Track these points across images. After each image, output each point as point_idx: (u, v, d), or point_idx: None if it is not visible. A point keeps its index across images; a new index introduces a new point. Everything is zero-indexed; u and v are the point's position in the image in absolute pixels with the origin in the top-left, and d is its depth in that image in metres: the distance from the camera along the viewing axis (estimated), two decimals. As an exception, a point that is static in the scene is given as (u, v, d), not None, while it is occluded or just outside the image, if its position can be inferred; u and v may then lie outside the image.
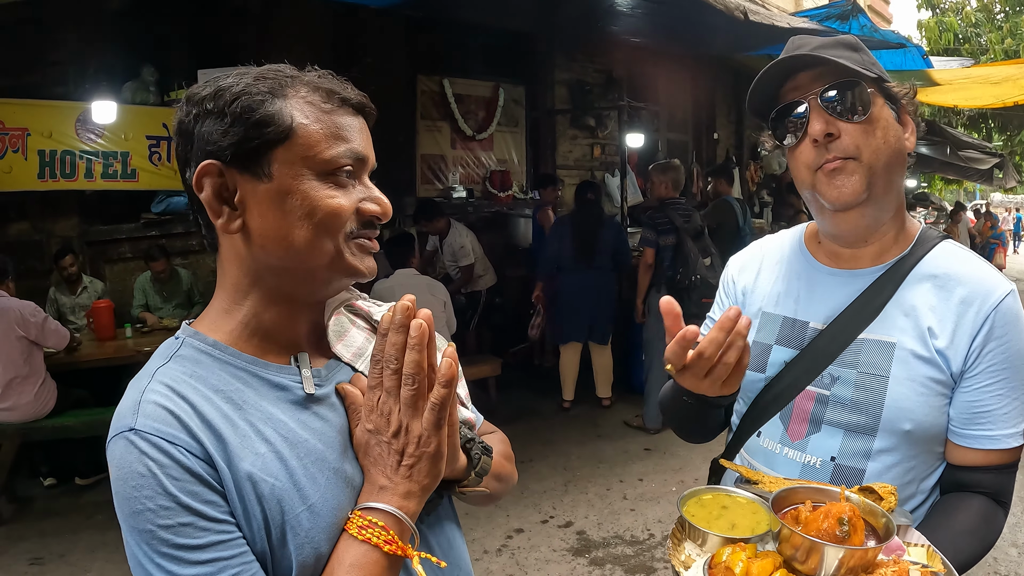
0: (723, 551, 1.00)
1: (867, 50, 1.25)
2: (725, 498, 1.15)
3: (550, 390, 6.56)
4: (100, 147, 5.57)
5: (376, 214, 0.94)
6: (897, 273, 1.26)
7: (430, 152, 7.38)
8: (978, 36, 15.39)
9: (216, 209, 0.90)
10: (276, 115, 0.87)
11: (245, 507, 0.84)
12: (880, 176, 1.20)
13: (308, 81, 0.92)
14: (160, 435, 0.81)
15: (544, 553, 3.90)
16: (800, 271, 1.37)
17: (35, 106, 5.35)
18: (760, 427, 1.36)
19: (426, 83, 7.22)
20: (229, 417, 0.87)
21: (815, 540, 0.94)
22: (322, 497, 0.88)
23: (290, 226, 0.89)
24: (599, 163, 8.64)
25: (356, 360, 1.03)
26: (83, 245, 5.78)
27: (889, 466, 1.23)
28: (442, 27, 6.70)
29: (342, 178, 0.91)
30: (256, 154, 0.88)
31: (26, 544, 4.12)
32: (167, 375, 0.88)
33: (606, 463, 5.13)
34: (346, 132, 0.91)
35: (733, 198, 6.00)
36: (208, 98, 0.88)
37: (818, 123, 1.19)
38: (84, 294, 5.58)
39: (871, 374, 1.23)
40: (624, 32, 6.58)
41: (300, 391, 0.94)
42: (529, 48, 7.77)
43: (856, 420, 1.24)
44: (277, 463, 0.87)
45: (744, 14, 4.74)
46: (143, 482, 0.79)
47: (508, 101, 7.82)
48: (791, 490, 1.08)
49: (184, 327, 0.96)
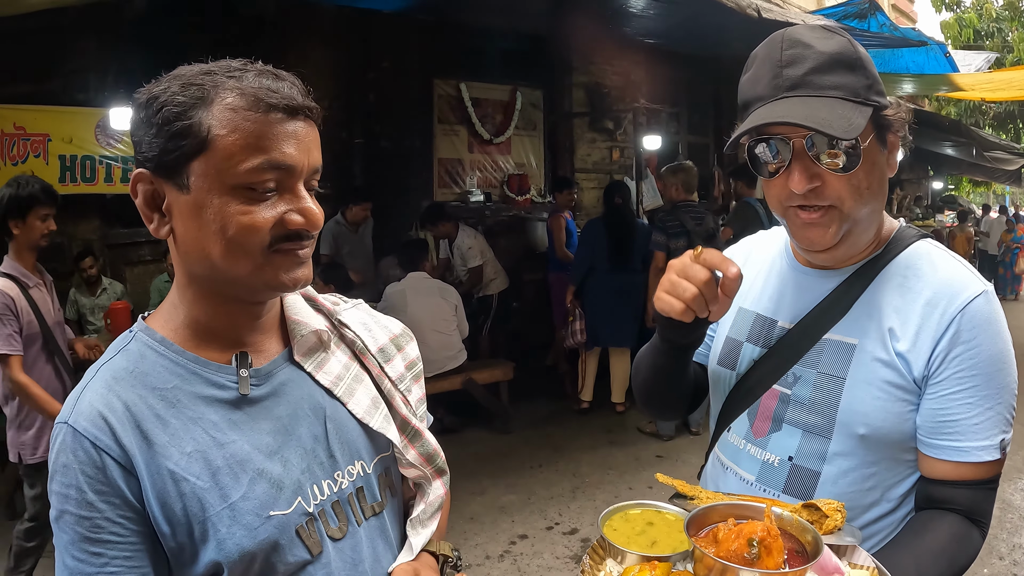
0: (631, 569, 0.97)
1: (866, 61, 1.14)
2: (653, 514, 1.11)
3: (563, 395, 6.52)
4: (119, 152, 5.67)
5: (300, 226, 0.92)
6: (868, 273, 1.22)
7: (448, 156, 7.41)
8: (1001, 32, 14.99)
9: (147, 215, 0.93)
10: (194, 126, 0.87)
11: (165, 503, 0.89)
12: (860, 220, 1.16)
13: (238, 87, 0.88)
14: (85, 434, 0.87)
15: (547, 560, 3.86)
16: (779, 269, 1.35)
17: (56, 112, 5.46)
18: (731, 423, 1.35)
19: (443, 87, 7.24)
20: (161, 416, 0.91)
21: (725, 563, 0.89)
22: (243, 496, 0.91)
23: (206, 239, 0.90)
24: (618, 166, 8.57)
25: (335, 387, 1.05)
26: (103, 248, 5.88)
27: (845, 470, 1.19)
28: (458, 31, 6.70)
29: (259, 191, 0.89)
30: (176, 165, 0.88)
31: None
32: (110, 371, 0.93)
33: (616, 470, 5.07)
34: (268, 142, 0.88)
35: (755, 200, 5.85)
36: (142, 105, 0.90)
37: (801, 177, 1.11)
38: (104, 295, 5.67)
39: (829, 375, 1.20)
40: (641, 34, 6.54)
41: (235, 392, 0.96)
42: (546, 51, 7.74)
43: (813, 421, 1.21)
44: (201, 462, 0.90)
45: (757, 12, 4.68)
46: (64, 471, 0.88)
47: (525, 104, 7.82)
48: (712, 508, 1.03)
49: (139, 321, 1.00)
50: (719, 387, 1.39)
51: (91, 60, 5.62)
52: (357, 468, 1.04)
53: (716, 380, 1.40)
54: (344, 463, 1.03)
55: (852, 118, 1.07)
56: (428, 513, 1.14)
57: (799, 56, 1.12)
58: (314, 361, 1.04)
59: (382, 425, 1.07)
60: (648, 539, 1.05)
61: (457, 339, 5.39)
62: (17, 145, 5.35)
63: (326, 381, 1.04)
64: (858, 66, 1.12)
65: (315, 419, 1.01)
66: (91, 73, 5.62)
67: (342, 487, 1.02)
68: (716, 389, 1.41)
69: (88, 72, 5.61)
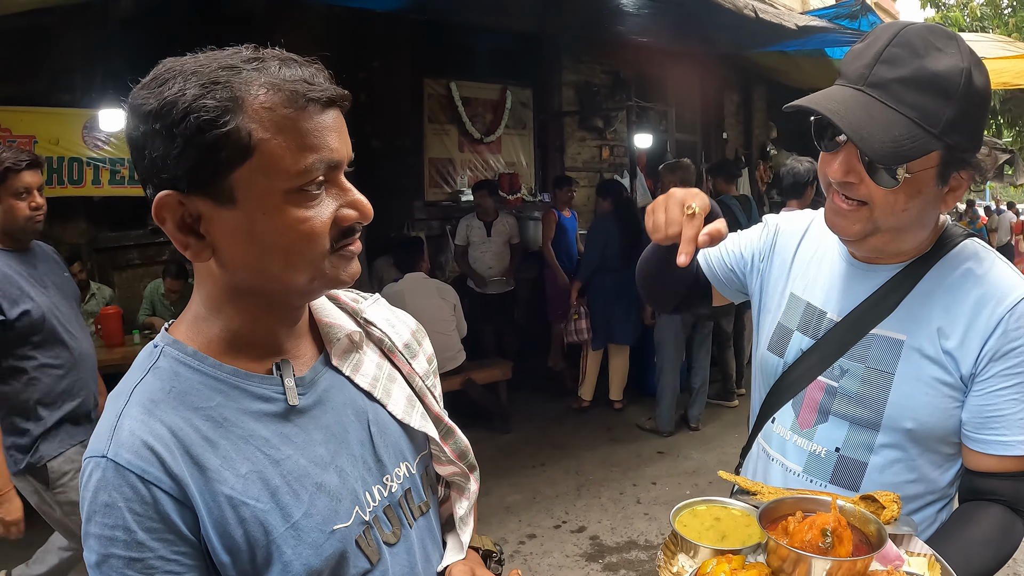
0: (709, 563, 0.99)
1: (970, 97, 1.06)
2: (719, 510, 1.15)
3: (561, 393, 6.50)
4: (107, 154, 5.55)
5: (355, 220, 0.87)
6: (916, 270, 1.23)
7: (438, 155, 7.35)
8: (984, 30, 15.29)
9: (182, 241, 0.83)
10: (231, 133, 0.77)
11: (224, 531, 0.82)
12: (887, 231, 1.16)
13: (268, 81, 0.79)
14: (131, 468, 0.79)
15: (557, 559, 3.84)
16: (831, 259, 1.35)
17: (42, 114, 5.34)
18: (775, 413, 1.37)
19: (433, 86, 7.19)
20: (209, 438, 0.84)
21: (800, 552, 0.93)
22: (306, 513, 0.87)
23: (261, 255, 0.83)
24: (608, 165, 8.57)
25: (373, 389, 1.00)
26: (91, 252, 5.75)
27: (892, 461, 1.23)
28: (448, 30, 6.66)
29: (313, 191, 0.82)
30: (215, 178, 0.79)
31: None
32: (145, 394, 0.84)
33: (619, 467, 5.06)
34: (315, 138, 0.81)
35: (732, 197, 5.85)
36: (153, 115, 0.77)
37: (841, 167, 1.12)
38: (92, 301, 5.55)
39: (878, 370, 1.22)
40: (631, 32, 6.54)
41: (283, 403, 0.90)
42: (536, 50, 7.74)
43: (860, 414, 1.23)
44: (259, 484, 0.85)
45: (755, 12, 4.69)
46: (107, 511, 0.79)
47: (515, 103, 7.79)
48: (781, 501, 1.07)
49: (163, 334, 0.91)
50: (766, 374, 1.40)
51: (78, 60, 5.51)
52: (403, 470, 1.02)
53: (763, 366, 1.41)
54: (391, 466, 1.00)
55: (903, 145, 1.04)
56: (468, 509, 1.13)
57: (900, 59, 1.08)
58: (350, 364, 0.99)
59: (421, 424, 1.05)
60: (718, 533, 1.09)
61: (456, 339, 5.35)
62: (2, 147, 5.23)
63: (364, 383, 1.00)
64: (954, 96, 1.05)
65: (359, 424, 0.98)
66: (78, 74, 5.51)
67: (392, 491, 0.99)
68: (763, 376, 1.42)
69: (75, 73, 5.49)
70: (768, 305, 1.43)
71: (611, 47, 7.75)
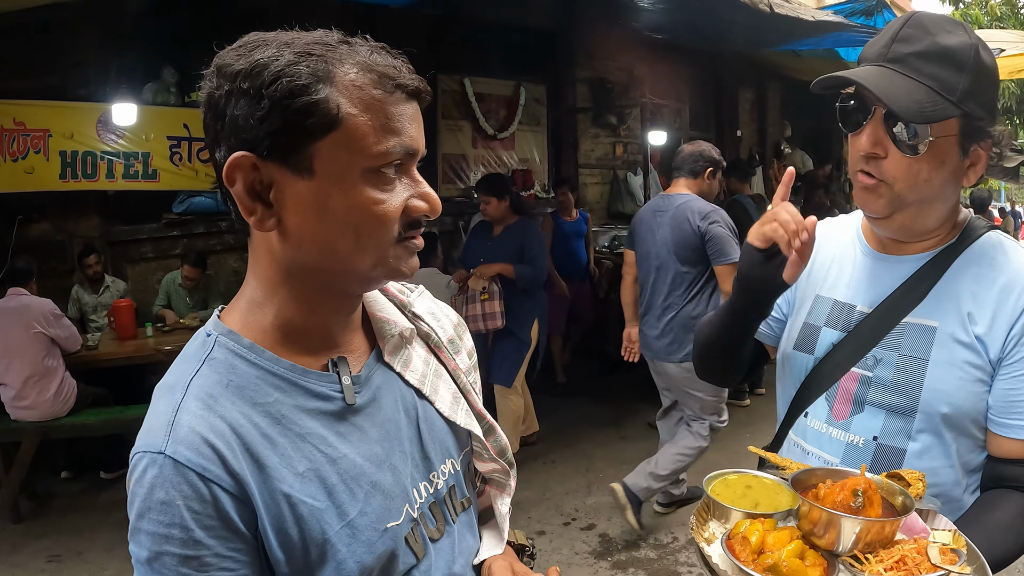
0: (742, 523, 1.03)
1: (981, 70, 1.16)
2: (751, 479, 1.18)
3: (570, 390, 6.48)
4: (121, 148, 5.57)
5: (424, 212, 0.87)
6: (943, 260, 1.27)
7: (451, 151, 7.33)
8: (1003, 29, 15.16)
9: (249, 206, 0.82)
10: (321, 102, 0.77)
11: (281, 529, 0.82)
12: (911, 206, 1.22)
13: (360, 61, 0.81)
14: (190, 466, 0.77)
15: (566, 556, 3.82)
16: (853, 256, 1.40)
17: (56, 107, 5.36)
18: (808, 407, 1.39)
19: (446, 82, 7.17)
20: (268, 436, 0.83)
21: (832, 512, 0.95)
22: (361, 512, 0.87)
23: (330, 230, 0.82)
24: (621, 161, 8.54)
25: (422, 386, 1.00)
26: (105, 245, 5.78)
27: (929, 447, 1.24)
28: (462, 26, 6.65)
29: (389, 175, 0.83)
30: (296, 146, 0.79)
31: (45, 541, 4.13)
32: (202, 387, 0.82)
33: (629, 464, 4.99)
34: (398, 123, 0.82)
35: (746, 196, 5.78)
36: (243, 75, 0.78)
37: (868, 138, 1.19)
38: (107, 293, 5.59)
39: (912, 357, 1.25)
40: (645, 28, 6.51)
41: (340, 401, 0.89)
42: (550, 46, 7.71)
43: (896, 401, 1.26)
44: (316, 482, 0.84)
45: (770, 7, 4.65)
46: (163, 509, 0.77)
47: (529, 100, 7.76)
48: (812, 471, 1.11)
49: (215, 322, 0.90)
50: (795, 372, 1.42)
51: (92, 55, 5.53)
52: (448, 467, 1.02)
53: (792, 365, 1.43)
54: (438, 463, 1.00)
55: (926, 107, 1.13)
56: (509, 506, 1.13)
57: (915, 37, 1.17)
58: (400, 359, 0.99)
59: (466, 421, 1.04)
60: (750, 501, 1.12)
61: (467, 335, 5.33)
62: (17, 141, 5.26)
63: (414, 380, 0.99)
64: (967, 68, 1.15)
65: (410, 421, 0.97)
66: (92, 68, 5.53)
67: (437, 488, 0.99)
68: (791, 374, 1.44)
69: (89, 67, 5.52)
70: (797, 311, 1.46)
71: (626, 44, 7.69)
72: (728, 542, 1.00)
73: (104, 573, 3.77)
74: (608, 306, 6.72)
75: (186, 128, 5.75)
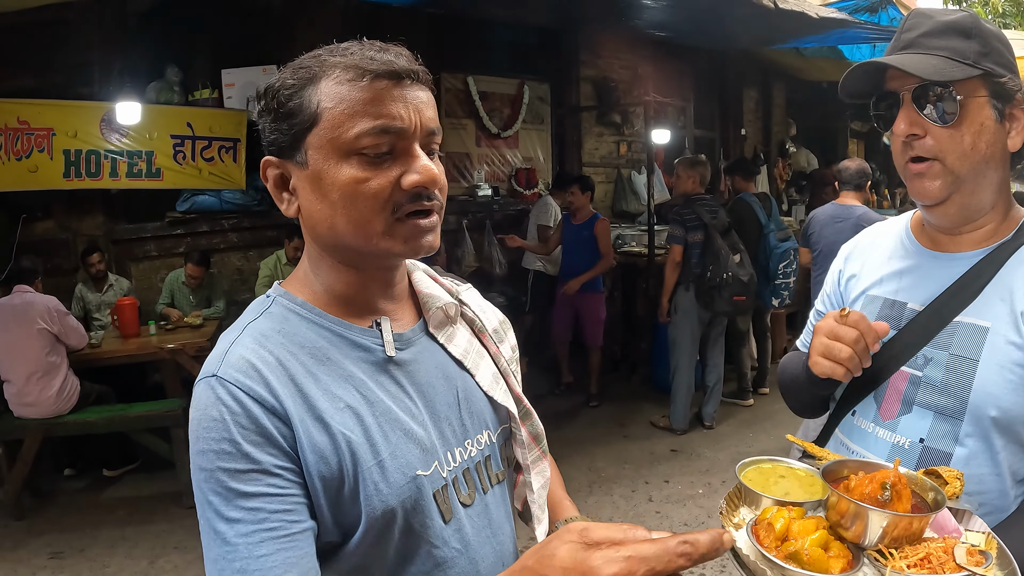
0: (769, 510, 1.01)
1: (987, 34, 1.20)
2: (784, 468, 1.17)
3: (574, 388, 6.48)
4: (125, 146, 5.57)
5: (417, 183, 0.91)
6: (997, 257, 1.24)
7: (455, 150, 7.32)
8: (1007, 27, 15.11)
9: (277, 196, 0.99)
10: (304, 103, 0.91)
11: (320, 454, 0.88)
12: (966, 180, 1.20)
13: (342, 61, 0.91)
14: (238, 385, 0.86)
15: (568, 555, 3.81)
16: (903, 254, 1.38)
17: (60, 106, 5.37)
18: (855, 406, 1.37)
19: (450, 80, 7.16)
20: (312, 372, 0.92)
21: (860, 504, 0.94)
22: (392, 454, 0.93)
23: (328, 209, 0.93)
24: (625, 160, 8.52)
25: (464, 359, 1.08)
26: (108, 244, 5.80)
27: (976, 453, 1.20)
28: (466, 24, 6.65)
29: (372, 157, 0.90)
30: (293, 142, 0.93)
31: (46, 538, 4.14)
32: (257, 329, 0.94)
33: (631, 464, 5.03)
34: (375, 107, 0.90)
35: (751, 195, 5.76)
36: (261, 96, 0.97)
37: (903, 122, 1.20)
38: (110, 292, 5.60)
39: (962, 357, 1.21)
40: (650, 27, 6.49)
41: (381, 353, 0.98)
42: (554, 45, 7.69)
43: (945, 403, 1.23)
44: (354, 418, 0.91)
45: (774, 3, 4.63)
46: (214, 425, 0.85)
47: (533, 98, 7.74)
48: (844, 462, 1.10)
49: (275, 286, 1.03)
50: None
51: (96, 54, 5.54)
52: (484, 437, 1.08)
53: None
54: (473, 432, 1.06)
55: (944, 69, 1.15)
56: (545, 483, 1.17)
57: (918, 24, 1.23)
58: (445, 333, 1.08)
59: (504, 399, 1.10)
60: (782, 490, 1.11)
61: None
62: (21, 139, 5.27)
63: (456, 352, 1.07)
64: (974, 34, 1.18)
65: (448, 387, 1.04)
66: (96, 67, 5.55)
67: (471, 455, 1.05)
68: None
69: (93, 66, 5.54)
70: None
71: (630, 42, 7.68)
72: (754, 527, 1.00)
73: (106, 570, 3.78)
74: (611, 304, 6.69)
75: (189, 127, 5.75)
